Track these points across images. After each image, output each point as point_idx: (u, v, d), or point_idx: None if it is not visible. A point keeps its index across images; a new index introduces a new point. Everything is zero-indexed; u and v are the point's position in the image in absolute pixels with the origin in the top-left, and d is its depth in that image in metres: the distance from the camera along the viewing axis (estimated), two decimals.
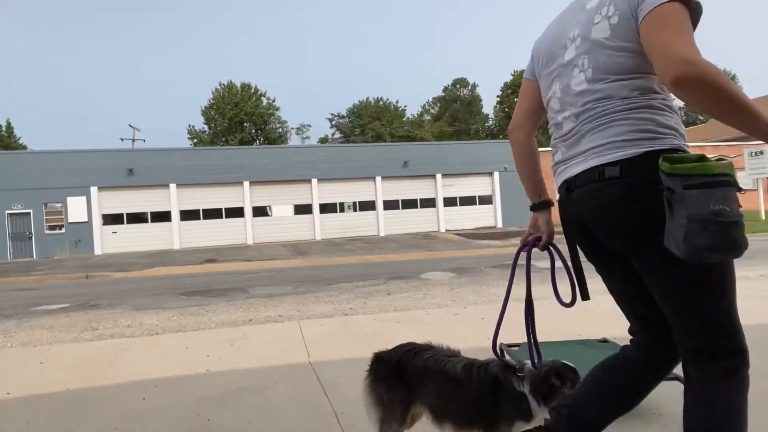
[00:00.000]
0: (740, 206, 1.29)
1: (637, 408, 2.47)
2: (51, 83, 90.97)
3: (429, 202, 26.00)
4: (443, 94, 69.06)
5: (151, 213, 22.86)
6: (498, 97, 65.58)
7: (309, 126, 69.05)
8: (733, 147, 30.52)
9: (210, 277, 12.04)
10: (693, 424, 1.40)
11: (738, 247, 1.27)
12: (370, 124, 57.85)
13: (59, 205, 21.62)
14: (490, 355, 3.40)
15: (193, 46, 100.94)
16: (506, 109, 63.34)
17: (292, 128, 60.60)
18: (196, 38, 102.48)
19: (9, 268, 16.81)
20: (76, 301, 8.59)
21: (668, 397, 2.53)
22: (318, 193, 24.59)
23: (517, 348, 3.00)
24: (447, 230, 25.31)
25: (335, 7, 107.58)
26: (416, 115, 67.76)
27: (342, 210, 25.23)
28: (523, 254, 2.06)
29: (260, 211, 24.28)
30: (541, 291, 5.32)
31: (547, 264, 2.07)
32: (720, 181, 1.25)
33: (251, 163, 24.07)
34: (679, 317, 1.43)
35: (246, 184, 23.79)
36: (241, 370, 3.61)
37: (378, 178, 25.29)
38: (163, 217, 22.90)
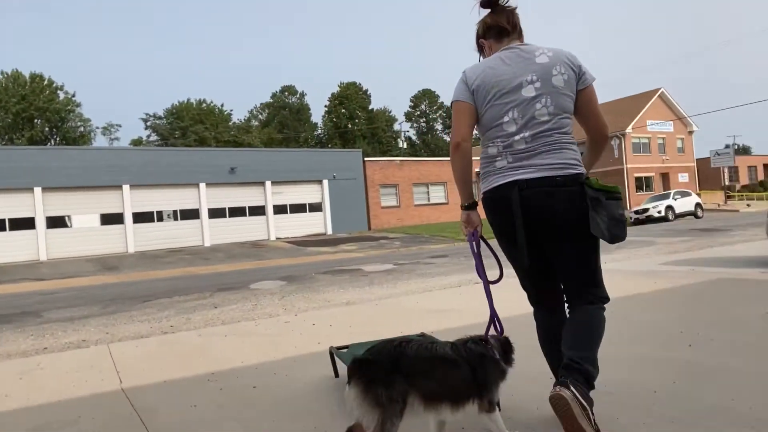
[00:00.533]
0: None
1: None
2: None
3: (258, 210, 25.35)
4: (272, 101, 68.14)
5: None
6: (326, 106, 67.04)
7: (118, 126, 62.10)
8: None
9: None
10: (586, 335, 2.17)
11: (626, 234, 2.15)
12: (193, 127, 54.28)
13: None
14: (321, 361, 3.46)
15: None
16: (334, 119, 65.10)
17: (98, 128, 53.76)
18: None
19: None
20: None
21: None
22: (130, 200, 22.16)
23: (345, 350, 3.10)
24: (277, 238, 24.96)
25: (150, 6, 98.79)
26: (243, 120, 65.62)
27: (160, 219, 23.13)
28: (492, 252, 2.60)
29: (57, 222, 20.98)
30: (368, 293, 5.57)
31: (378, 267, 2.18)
32: (620, 196, 2.15)
33: (44, 166, 20.66)
34: (584, 273, 2.20)
35: (37, 190, 20.34)
36: (36, 406, 3.08)
37: (202, 185, 23.83)
38: None
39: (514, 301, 3.65)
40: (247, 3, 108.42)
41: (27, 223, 20.20)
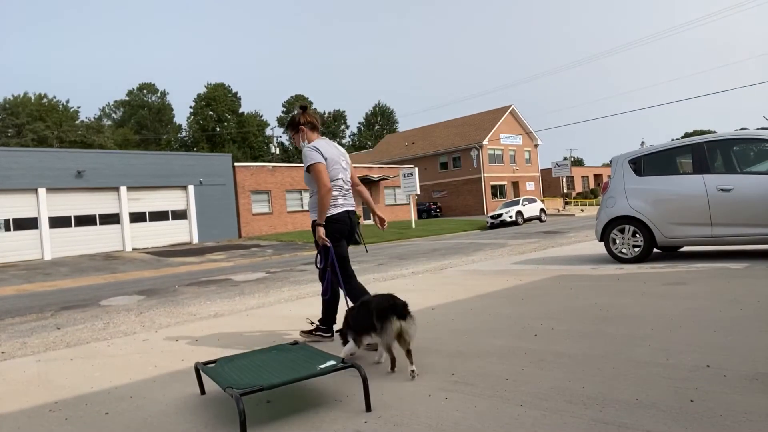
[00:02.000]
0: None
1: (323, 398, 2.76)
2: None
3: (111, 218, 22.99)
4: (128, 98, 62.47)
5: None
6: (191, 108, 63.26)
7: None
8: (392, 168, 37.32)
9: None
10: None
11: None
12: (31, 125, 47.64)
13: None
14: (186, 378, 3.26)
15: None
16: (200, 121, 61.63)
17: None
18: None
19: None
20: None
21: (347, 384, 2.92)
22: None
23: (213, 365, 2.95)
24: (135, 249, 22.86)
25: None
26: (94, 119, 59.22)
27: None
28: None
29: None
30: (238, 303, 5.39)
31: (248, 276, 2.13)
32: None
33: None
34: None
35: None
36: None
37: (42, 190, 20.97)
38: None
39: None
40: None
41: None
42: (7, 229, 20.32)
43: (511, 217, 28.87)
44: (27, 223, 20.73)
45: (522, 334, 3.78)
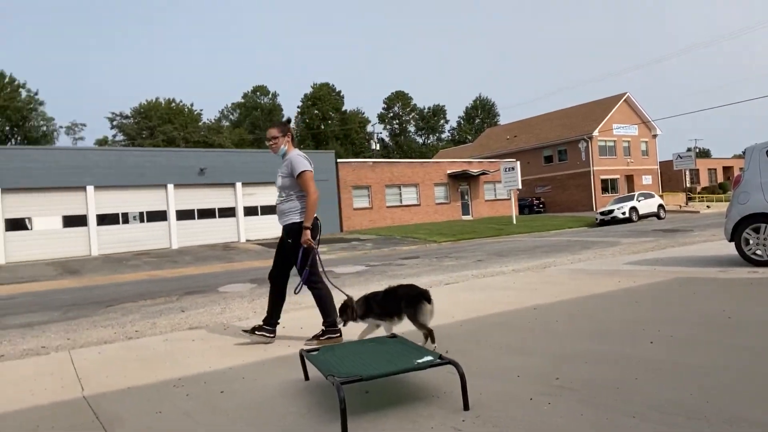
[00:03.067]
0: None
1: (420, 392, 2.76)
2: None
3: (228, 212, 24.96)
4: (243, 101, 67.28)
5: None
6: (299, 107, 66.57)
7: (83, 125, 60.28)
8: (492, 163, 36.42)
9: None
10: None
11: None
12: (161, 127, 53.12)
13: None
14: (291, 364, 3.42)
15: None
16: (307, 120, 64.67)
17: (61, 127, 52.09)
18: None
19: None
20: None
21: (444, 380, 2.89)
22: (95, 202, 21.53)
23: (316, 353, 3.08)
24: (248, 240, 24.63)
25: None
26: (214, 121, 64.57)
27: (126, 221, 22.53)
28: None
29: (16, 224, 20.20)
30: (338, 295, 5.55)
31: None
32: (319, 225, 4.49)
33: (4, 166, 19.89)
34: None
35: None
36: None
37: (170, 186, 23.32)
38: None
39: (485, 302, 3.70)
40: (218, 1, 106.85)
41: None
42: (141, 220, 22.90)
43: (624, 213, 26.83)
44: (157, 216, 23.19)
45: (636, 341, 3.49)
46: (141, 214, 22.91)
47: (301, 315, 5.68)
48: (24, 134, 46.60)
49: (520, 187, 30.27)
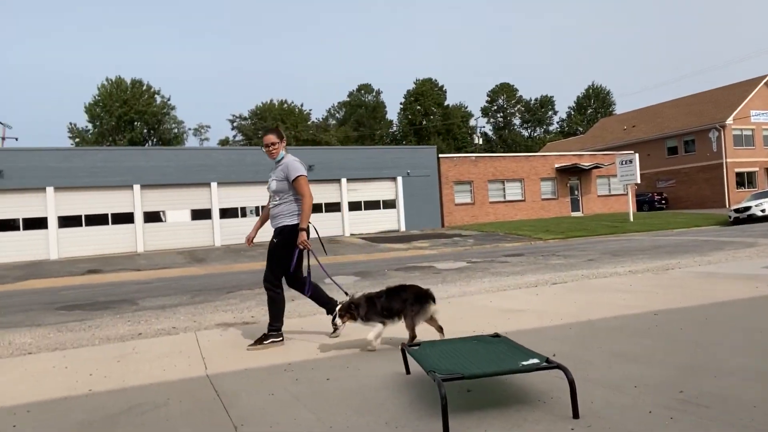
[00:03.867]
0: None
1: (525, 396, 2.65)
2: None
3: (334, 207, 25.98)
4: (348, 99, 69.48)
5: (24, 219, 20.49)
6: (401, 104, 67.29)
7: (208, 127, 66.07)
8: (607, 156, 33.99)
9: (94, 288, 11.05)
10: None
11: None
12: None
13: None
14: (392, 356, 3.47)
15: (75, 36, 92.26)
16: (409, 116, 65.22)
17: (189, 129, 57.56)
18: (80, 27, 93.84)
19: None
20: None
21: (551, 384, 2.75)
22: (218, 197, 23.55)
23: (417, 348, 3.08)
24: (352, 234, 25.46)
25: (235, 5, 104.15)
26: (321, 119, 67.48)
27: (244, 215, 24.37)
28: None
29: (153, 217, 22.73)
30: (440, 291, 5.48)
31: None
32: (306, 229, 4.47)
33: (143, 165, 22.47)
34: None
35: (136, 187, 22.16)
36: (130, 388, 3.35)
37: None
38: (37, 224, 20.60)
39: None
40: (324, 4, 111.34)
41: (127, 218, 22.07)
42: (257, 214, 24.63)
43: (763, 210, 23.66)
44: None
45: None
46: (257, 208, 24.64)
47: None
48: (159, 136, 52.22)
49: (639, 181, 27.85)
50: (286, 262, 4.37)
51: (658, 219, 25.84)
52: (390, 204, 27.15)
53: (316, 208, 25.62)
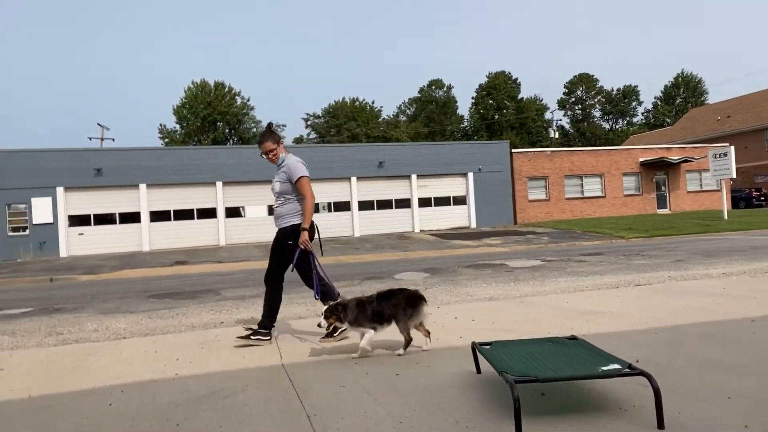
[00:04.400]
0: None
1: (604, 402, 2.52)
2: (12, 78, 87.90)
3: (404, 203, 26.06)
4: (419, 95, 69.35)
5: (120, 214, 22.31)
6: (473, 98, 66.20)
7: (284, 126, 68.49)
8: (698, 149, 31.51)
9: (181, 279, 11.83)
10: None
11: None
12: (346, 125, 57.68)
13: (23, 206, 20.90)
14: (463, 355, 3.42)
15: (165, 43, 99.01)
16: (481, 111, 64.04)
17: None
18: (168, 35, 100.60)
19: None
20: (40, 305, 8.32)
21: (632, 392, 2.60)
22: None
23: (488, 347, 3.02)
24: (422, 230, 25.43)
25: (312, 6, 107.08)
26: (392, 116, 67.87)
27: (317, 210, 25.07)
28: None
29: (233, 212, 23.95)
30: (512, 290, 5.37)
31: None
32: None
33: (224, 163, 23.71)
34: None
35: (219, 184, 23.44)
36: (212, 373, 3.55)
37: (353, 179, 25.24)
38: (132, 218, 22.36)
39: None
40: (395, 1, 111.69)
41: (210, 213, 23.41)
42: (329, 210, 25.26)
43: None
44: (342, 206, 25.32)
45: None
46: (329, 204, 25.26)
47: (477, 307, 5.65)
48: (239, 135, 54.87)
49: (735, 176, 25.56)
50: (290, 261, 4.35)
51: (756, 217, 23.58)
52: (460, 200, 26.82)
53: (386, 204, 25.87)
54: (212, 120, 51.08)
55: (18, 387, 3.45)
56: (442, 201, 26.62)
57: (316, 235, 4.49)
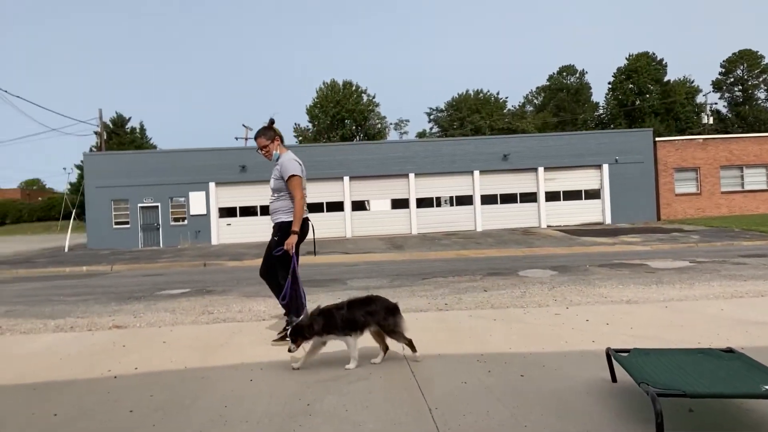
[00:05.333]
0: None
1: (763, 425, 2.19)
2: (174, 90, 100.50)
3: (530, 197, 25.00)
4: (548, 83, 65.94)
5: (261, 207, 24.42)
6: (610, 83, 61.24)
7: (407, 121, 69.63)
8: None
9: (311, 268, 12.62)
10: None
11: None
12: (469, 117, 56.91)
13: (182, 199, 23.88)
14: (595, 360, 3.19)
15: (299, 47, 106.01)
16: (619, 96, 59.02)
17: (391, 124, 61.43)
18: (302, 39, 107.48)
19: (140, 255, 18.91)
20: (195, 287, 9.44)
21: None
22: (415, 187, 24.68)
23: (626, 354, 2.77)
24: (549, 226, 24.20)
25: (435, 3, 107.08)
26: (518, 107, 65.46)
27: (438, 204, 25.10)
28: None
29: (359, 206, 24.93)
30: (654, 292, 4.93)
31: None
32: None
33: (351, 158, 24.78)
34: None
35: (346, 179, 24.55)
36: (339, 359, 3.73)
37: (476, 172, 24.81)
38: (265, 211, 24.43)
39: None
40: None
41: (338, 206, 24.63)
42: (451, 204, 25.11)
43: None
44: (464, 200, 25.01)
45: None
46: (451, 198, 25.14)
47: (612, 310, 5.24)
48: (365, 132, 56.89)
49: None
50: (284, 258, 4.23)
51: None
52: (593, 194, 25.01)
53: (510, 199, 25.05)
54: (340, 118, 53.57)
55: (177, 359, 3.94)
56: (572, 195, 25.06)
57: (311, 234, 4.51)
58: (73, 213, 24.74)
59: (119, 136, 46.08)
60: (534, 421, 2.44)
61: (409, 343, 3.57)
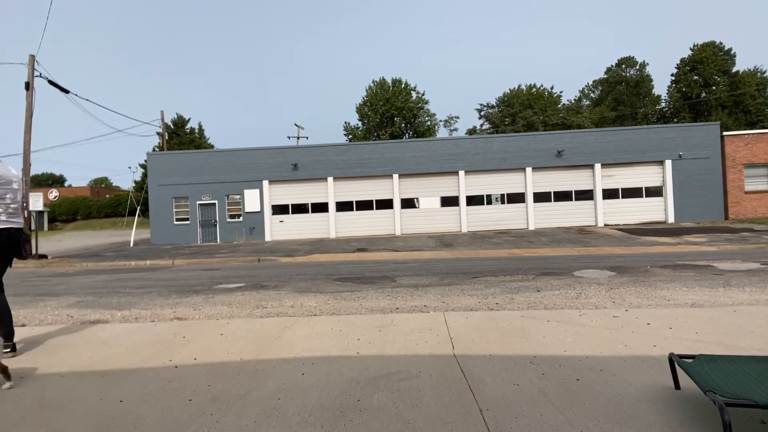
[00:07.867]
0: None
1: None
2: (231, 91, 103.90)
3: (585, 194, 24.14)
4: (606, 76, 63.43)
5: (312, 204, 24.88)
6: (672, 76, 58.22)
7: (457, 118, 68.89)
8: None
9: (361, 265, 12.72)
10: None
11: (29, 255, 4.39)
12: (521, 113, 55.65)
13: (238, 196, 24.70)
14: (657, 366, 3.03)
15: (351, 46, 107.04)
16: (683, 89, 56.01)
17: (440, 121, 61.00)
18: (355, 39, 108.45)
19: (199, 250, 19.71)
20: (250, 282, 9.73)
21: None
22: (465, 185, 24.39)
23: (690, 360, 2.62)
24: (606, 224, 23.29)
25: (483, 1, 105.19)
26: (573, 101, 63.37)
27: (489, 202, 24.68)
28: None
29: (408, 203, 24.91)
30: (721, 296, 4.67)
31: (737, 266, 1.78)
32: (28, 238, 4.38)
33: (400, 156, 24.79)
34: None
35: (395, 176, 24.58)
36: (389, 356, 3.74)
37: (528, 169, 24.21)
38: (321, 208, 24.78)
39: None
40: None
41: (387, 204, 24.71)
42: (502, 202, 24.62)
43: None
44: (516, 198, 24.47)
45: None
46: (502, 195, 24.67)
47: (675, 313, 4.98)
48: (414, 129, 56.76)
49: None
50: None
51: None
52: (655, 191, 23.85)
53: (565, 196, 24.24)
54: (390, 116, 53.71)
55: (233, 350, 4.07)
56: (632, 192, 24.02)
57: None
58: (138, 210, 26.14)
59: (179, 136, 48.17)
60: (591, 428, 2.35)
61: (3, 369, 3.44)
